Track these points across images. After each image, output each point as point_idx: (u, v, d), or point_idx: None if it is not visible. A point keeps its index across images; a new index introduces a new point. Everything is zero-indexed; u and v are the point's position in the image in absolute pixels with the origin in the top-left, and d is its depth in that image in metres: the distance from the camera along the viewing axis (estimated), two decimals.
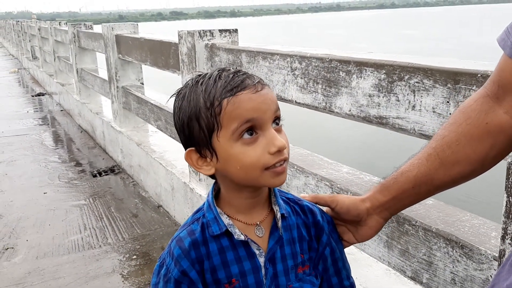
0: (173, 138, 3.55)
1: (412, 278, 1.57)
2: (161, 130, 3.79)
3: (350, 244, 1.05)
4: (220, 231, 0.92)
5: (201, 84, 0.90)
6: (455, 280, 1.41)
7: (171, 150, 3.89)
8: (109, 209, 3.76)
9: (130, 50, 4.25)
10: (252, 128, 0.86)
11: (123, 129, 4.67)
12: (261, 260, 0.93)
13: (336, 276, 1.03)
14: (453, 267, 1.41)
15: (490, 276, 1.29)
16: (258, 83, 0.88)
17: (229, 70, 0.90)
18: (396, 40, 33.96)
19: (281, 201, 0.98)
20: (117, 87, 4.68)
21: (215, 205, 0.95)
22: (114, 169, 4.76)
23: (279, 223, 0.96)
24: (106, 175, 4.64)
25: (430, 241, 1.47)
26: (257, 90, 0.86)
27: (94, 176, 4.60)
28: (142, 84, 4.76)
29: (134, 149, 4.27)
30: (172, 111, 0.98)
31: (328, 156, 2.25)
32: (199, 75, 0.93)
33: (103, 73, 5.53)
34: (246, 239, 0.92)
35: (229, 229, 0.92)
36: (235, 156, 0.87)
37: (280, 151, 0.86)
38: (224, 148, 0.88)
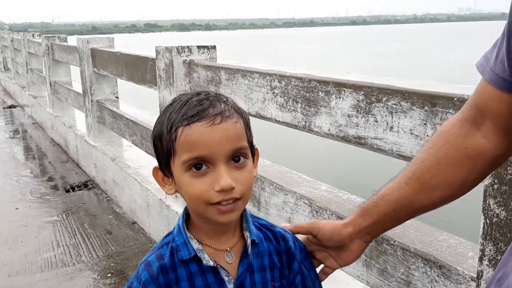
0: (148, 153, 3.52)
1: None
2: (137, 145, 3.75)
3: (332, 270, 1.05)
4: (189, 256, 0.91)
5: (172, 105, 0.91)
6: None
7: (146, 165, 3.84)
8: (82, 226, 3.68)
9: (105, 64, 4.21)
10: (204, 161, 0.85)
11: (97, 144, 4.61)
12: (230, 287, 0.92)
13: None
14: (431, 287, 1.43)
15: None
16: (218, 115, 0.85)
17: (205, 94, 0.90)
18: (368, 56, 34.60)
19: (252, 227, 0.97)
20: (92, 100, 4.62)
21: (185, 229, 0.93)
22: (87, 184, 4.68)
23: (249, 250, 0.94)
24: (79, 190, 4.55)
25: (409, 260, 1.49)
26: (213, 123, 0.84)
27: (67, 191, 4.51)
28: (117, 98, 4.71)
29: (108, 164, 4.21)
30: (147, 127, 1.00)
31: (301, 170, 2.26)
32: (181, 95, 0.93)
33: (77, 86, 5.45)
34: (215, 265, 0.91)
35: (198, 255, 0.91)
36: (183, 185, 0.88)
37: (224, 190, 0.84)
38: (177, 175, 0.89)
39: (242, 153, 0.88)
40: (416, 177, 0.90)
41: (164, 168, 0.92)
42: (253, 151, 0.94)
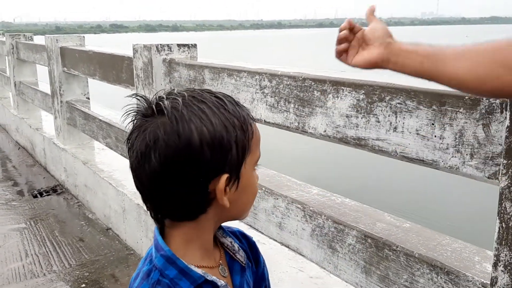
0: (124, 156, 3.37)
1: None
2: (111, 148, 3.60)
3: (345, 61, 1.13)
4: (194, 285, 0.79)
5: (221, 106, 0.85)
6: None
7: (120, 169, 3.69)
8: (52, 233, 3.50)
9: (76, 63, 4.03)
10: None
11: (67, 146, 4.41)
12: None
13: None
14: None
15: None
16: None
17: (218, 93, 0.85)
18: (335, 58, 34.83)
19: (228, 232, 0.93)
20: (61, 101, 4.43)
21: (178, 257, 0.80)
22: (56, 189, 4.47)
23: (239, 254, 0.90)
24: (47, 195, 4.34)
25: (413, 266, 1.42)
26: None
27: (35, 196, 4.29)
28: (88, 98, 4.53)
29: (79, 167, 4.03)
30: (122, 128, 0.89)
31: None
32: (190, 94, 0.84)
33: (44, 87, 5.23)
34: (225, 283, 0.83)
35: (209, 278, 0.80)
36: (253, 186, 0.85)
37: None
38: (247, 176, 0.83)
39: None
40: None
41: (233, 175, 0.79)
42: None
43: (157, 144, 0.74)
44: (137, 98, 0.81)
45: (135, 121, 0.79)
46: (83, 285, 2.78)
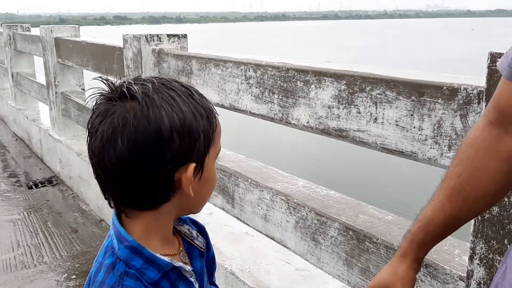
0: None
1: None
2: None
3: None
4: (161, 273, 0.79)
5: (177, 92, 0.83)
6: None
7: None
8: (45, 224, 3.50)
9: (70, 54, 4.01)
10: None
11: (62, 138, 4.40)
12: (196, 286, 0.87)
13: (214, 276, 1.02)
14: (416, 286, 1.34)
15: None
16: None
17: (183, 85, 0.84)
18: (339, 50, 34.83)
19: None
20: (56, 92, 4.41)
21: (143, 247, 0.79)
22: (51, 180, 4.47)
23: (198, 240, 0.91)
24: (43, 186, 4.34)
25: None
26: None
27: (30, 187, 4.29)
28: (83, 90, 4.51)
29: (74, 159, 4.03)
30: None
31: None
32: (159, 81, 0.84)
33: (41, 78, 5.21)
34: (188, 269, 0.84)
35: (176, 265, 0.81)
36: (213, 176, 0.85)
37: None
38: (209, 167, 0.83)
39: None
40: (457, 192, 0.87)
41: (198, 164, 0.79)
42: None
43: (126, 128, 0.72)
44: (102, 81, 0.78)
45: (99, 105, 0.76)
46: (74, 276, 2.78)
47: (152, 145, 0.73)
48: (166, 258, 0.80)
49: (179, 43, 2.66)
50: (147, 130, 0.72)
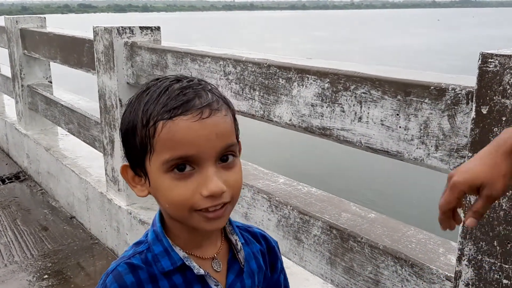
0: (87, 143, 3.26)
1: None
2: (73, 134, 3.48)
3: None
4: (173, 267, 0.78)
5: (146, 92, 0.76)
6: None
7: (84, 156, 3.58)
8: (14, 222, 3.38)
9: (37, 46, 3.86)
10: (188, 162, 0.72)
11: (29, 132, 4.26)
12: None
13: None
14: (402, 286, 1.35)
15: None
16: (206, 107, 0.72)
17: (186, 80, 0.76)
18: (307, 41, 34.94)
19: (237, 230, 0.87)
20: (22, 85, 4.25)
21: (165, 235, 0.80)
22: (19, 176, 4.32)
23: (241, 254, 0.84)
24: (10, 182, 4.19)
25: (377, 258, 1.41)
26: (201, 117, 0.71)
27: None
28: (51, 82, 4.36)
29: (42, 154, 3.90)
30: (85, 114, 0.83)
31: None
32: (155, 80, 0.78)
33: (6, 70, 5.02)
34: (205, 273, 0.79)
35: (186, 263, 0.78)
36: (162, 189, 0.74)
37: (213, 196, 0.72)
38: (154, 176, 0.75)
39: (232, 151, 0.75)
40: None
41: (136, 167, 0.78)
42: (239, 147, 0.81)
43: None
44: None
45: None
46: (46, 276, 2.70)
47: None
48: (181, 254, 0.79)
49: (152, 36, 2.59)
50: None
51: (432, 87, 1.19)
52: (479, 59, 1.04)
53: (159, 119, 0.71)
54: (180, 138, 0.71)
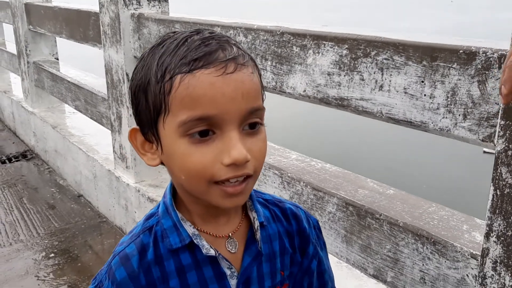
0: (94, 120, 3.20)
1: (375, 276, 1.42)
2: (80, 111, 3.41)
3: None
4: (181, 244, 0.70)
5: (162, 45, 0.66)
6: (424, 279, 1.27)
7: (92, 133, 3.52)
8: (21, 200, 3.34)
9: (42, 20, 3.78)
10: (209, 124, 0.63)
11: (36, 110, 4.20)
12: (233, 282, 0.72)
13: None
14: (423, 265, 1.27)
15: (467, 275, 1.17)
16: (231, 60, 0.62)
17: (208, 32, 0.66)
18: (317, 23, 34.57)
19: (258, 206, 0.76)
20: (28, 62, 4.18)
21: (175, 208, 0.72)
22: (26, 155, 4.28)
23: (258, 235, 0.74)
24: (17, 161, 4.15)
25: (397, 236, 1.33)
26: (226, 72, 0.61)
27: (3, 162, 4.10)
28: (57, 59, 4.29)
29: (49, 132, 3.84)
30: (92, 91, 0.74)
31: None
32: (172, 32, 0.68)
33: (12, 47, 4.95)
34: (216, 254, 0.70)
35: (195, 241, 0.70)
36: (177, 156, 0.65)
37: (236, 164, 0.62)
38: (168, 141, 0.66)
39: (258, 117, 0.66)
40: None
41: (147, 130, 0.69)
42: None
43: None
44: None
45: None
46: (52, 255, 2.65)
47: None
48: (190, 231, 0.70)
49: (160, 7, 2.50)
50: None
51: (461, 51, 1.10)
52: None
53: (177, 72, 0.62)
54: (200, 95, 0.61)
